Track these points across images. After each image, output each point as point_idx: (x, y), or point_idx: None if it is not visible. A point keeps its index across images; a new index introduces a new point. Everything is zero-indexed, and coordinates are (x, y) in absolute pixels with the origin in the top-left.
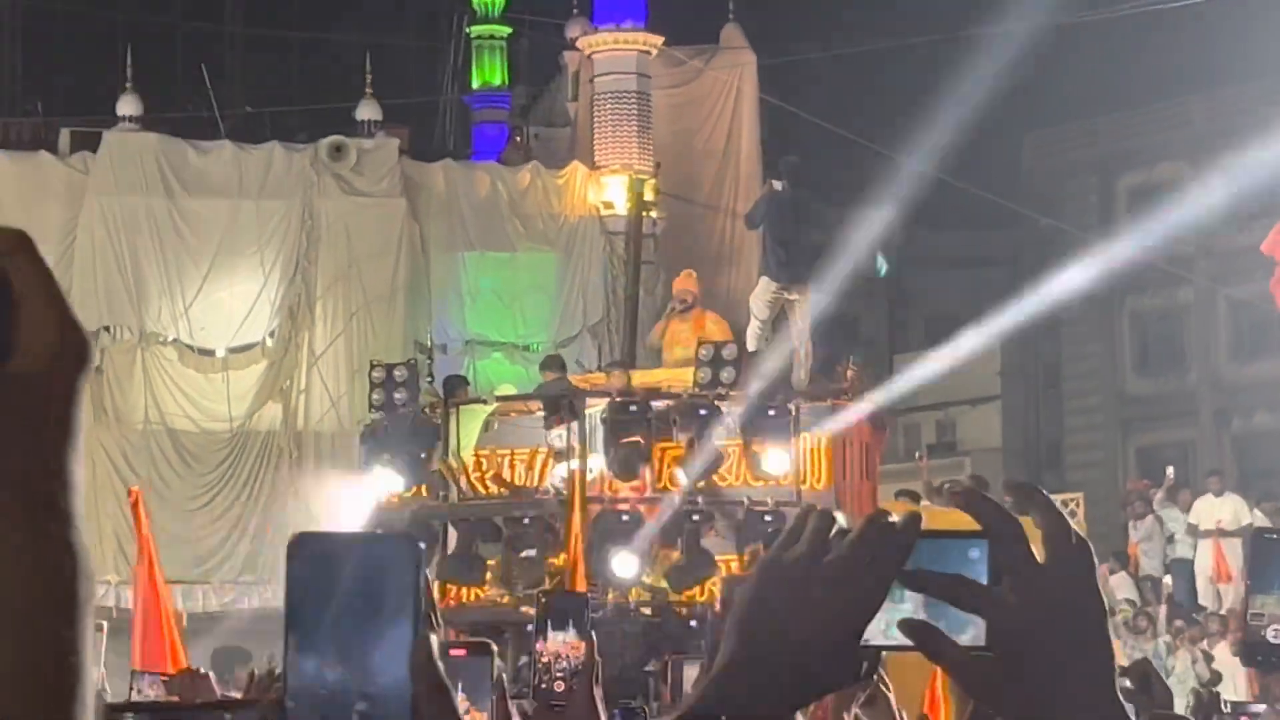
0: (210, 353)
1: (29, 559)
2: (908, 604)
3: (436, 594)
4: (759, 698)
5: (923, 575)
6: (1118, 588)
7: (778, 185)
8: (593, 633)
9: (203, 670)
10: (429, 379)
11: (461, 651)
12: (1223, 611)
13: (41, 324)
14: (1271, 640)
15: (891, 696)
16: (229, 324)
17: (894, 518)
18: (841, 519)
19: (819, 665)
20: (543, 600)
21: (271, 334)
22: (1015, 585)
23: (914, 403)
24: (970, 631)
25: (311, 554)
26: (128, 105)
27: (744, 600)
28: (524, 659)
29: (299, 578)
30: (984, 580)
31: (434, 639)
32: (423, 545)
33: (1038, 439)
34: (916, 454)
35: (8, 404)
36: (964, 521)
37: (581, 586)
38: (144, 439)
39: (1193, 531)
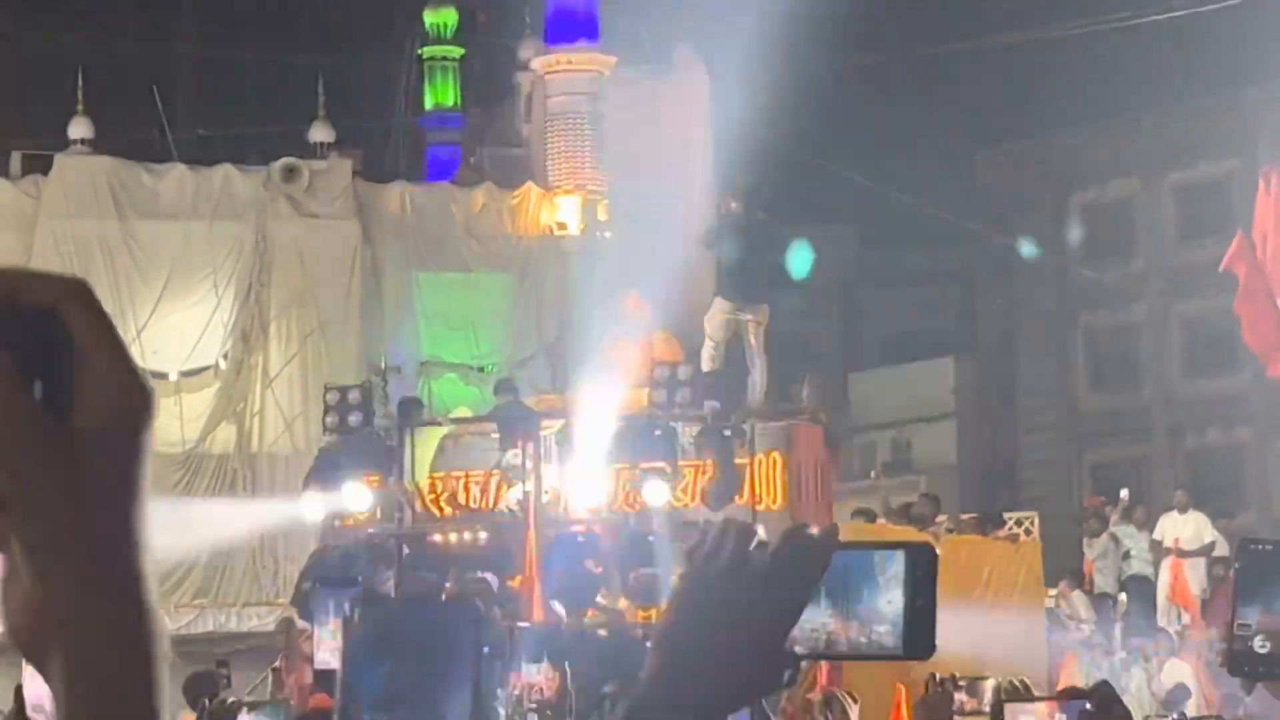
0: (163, 375)
1: (104, 622)
2: (824, 609)
3: None
4: (686, 706)
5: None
6: (1075, 605)
7: (733, 206)
8: (566, 664)
9: None
10: (383, 400)
11: None
12: (1177, 629)
13: (103, 377)
14: (1258, 650)
15: (854, 710)
16: (182, 347)
17: (813, 529)
18: (761, 532)
19: (743, 672)
20: (512, 632)
21: (225, 356)
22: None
23: (869, 420)
24: (882, 627)
25: (374, 615)
26: (79, 128)
27: (668, 612)
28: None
29: (361, 638)
30: (901, 592)
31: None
32: (481, 606)
33: (992, 456)
34: (872, 472)
35: (71, 462)
36: (908, 537)
37: (539, 609)
38: None
39: (1155, 549)
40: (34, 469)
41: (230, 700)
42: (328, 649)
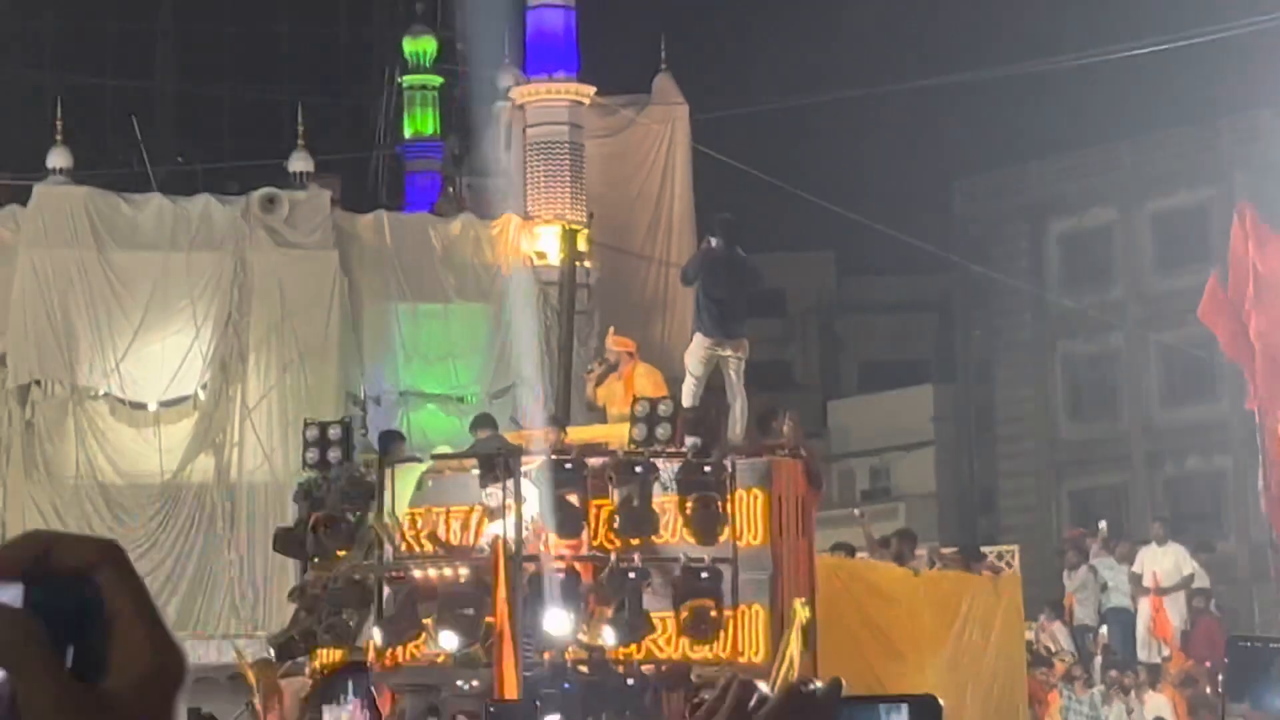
0: (142, 406)
1: None
2: None
3: (373, 654)
4: None
5: None
6: (1056, 637)
7: (713, 242)
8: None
9: None
10: (363, 431)
11: None
12: (1158, 661)
13: (135, 642)
14: None
15: None
16: (161, 377)
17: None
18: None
19: None
20: (490, 710)
21: (204, 387)
22: None
23: (848, 448)
24: None
25: None
26: (58, 158)
27: None
28: (461, 718)
29: None
30: None
31: None
32: None
33: (971, 484)
34: (855, 510)
35: None
36: (900, 577)
37: (509, 649)
38: (75, 493)
39: (1135, 582)
40: None
41: None
42: None
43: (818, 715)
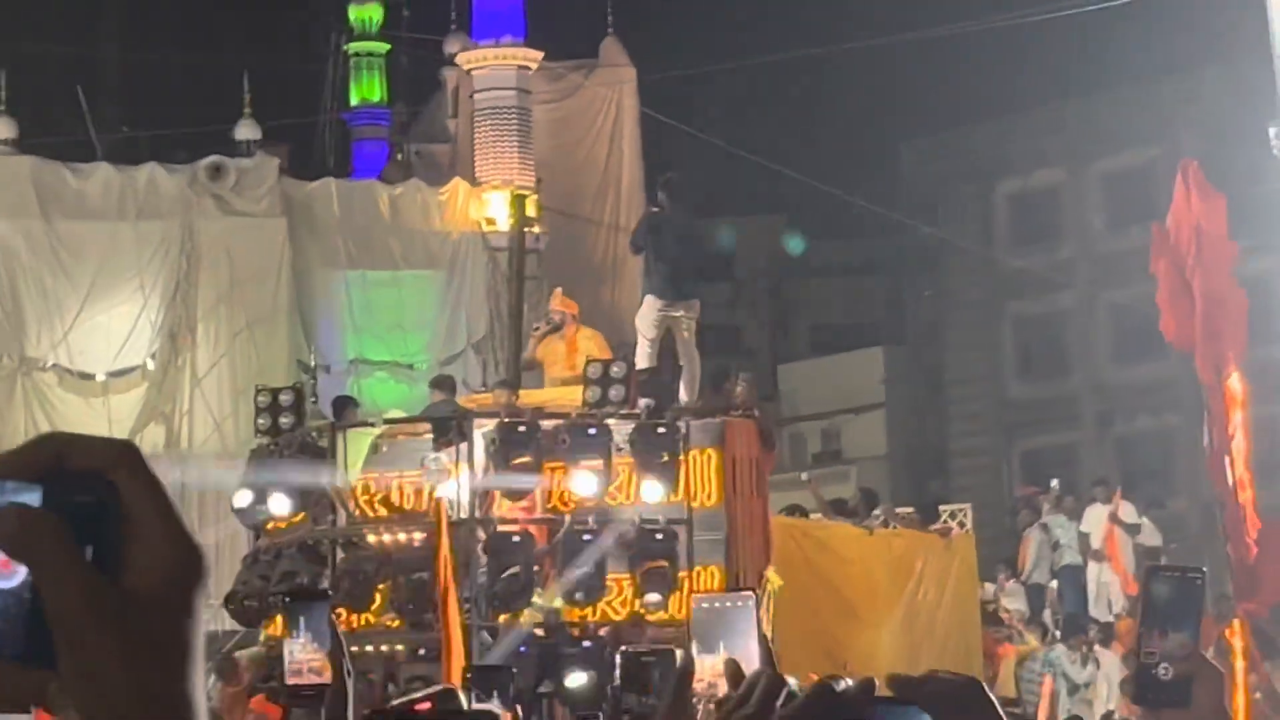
0: (90, 377)
1: None
2: None
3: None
4: None
5: None
6: (1010, 596)
7: (654, 209)
8: (518, 707)
9: None
10: (313, 400)
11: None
12: (1109, 618)
13: (153, 540)
14: (1162, 678)
15: None
16: (109, 348)
17: (846, 683)
18: (792, 683)
19: None
20: (466, 675)
21: (152, 357)
22: None
23: (799, 411)
24: None
25: None
26: (2, 128)
27: None
28: (417, 683)
29: None
30: None
31: None
32: None
33: (923, 446)
34: (804, 475)
35: (125, 625)
36: (853, 536)
37: (454, 611)
38: None
39: (1083, 539)
40: (89, 632)
41: None
42: (301, 662)
43: (847, 714)
